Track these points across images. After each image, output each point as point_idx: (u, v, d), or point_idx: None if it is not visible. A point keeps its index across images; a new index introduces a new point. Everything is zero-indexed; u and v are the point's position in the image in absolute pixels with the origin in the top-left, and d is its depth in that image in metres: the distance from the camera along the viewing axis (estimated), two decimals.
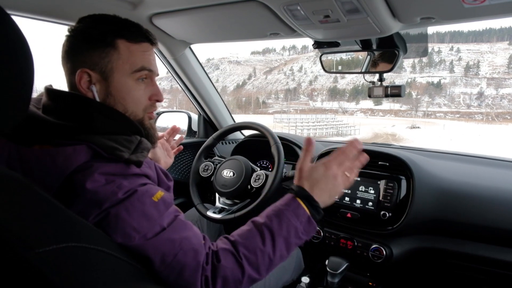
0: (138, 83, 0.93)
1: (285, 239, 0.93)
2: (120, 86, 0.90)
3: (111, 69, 0.89)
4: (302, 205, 0.96)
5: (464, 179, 1.50)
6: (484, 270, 1.38)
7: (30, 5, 1.26)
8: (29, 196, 0.65)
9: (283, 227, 0.93)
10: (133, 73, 0.91)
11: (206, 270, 0.84)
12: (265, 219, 0.94)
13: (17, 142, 0.80)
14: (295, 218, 0.94)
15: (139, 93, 0.93)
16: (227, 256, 0.87)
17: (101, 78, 0.89)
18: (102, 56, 0.88)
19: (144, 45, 0.93)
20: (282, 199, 0.99)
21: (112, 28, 0.89)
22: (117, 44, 0.88)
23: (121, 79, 0.90)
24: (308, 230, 0.96)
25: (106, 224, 0.76)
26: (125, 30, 0.90)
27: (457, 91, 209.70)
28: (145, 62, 0.92)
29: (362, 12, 1.11)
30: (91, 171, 0.77)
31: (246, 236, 0.92)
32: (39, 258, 0.56)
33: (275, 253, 0.92)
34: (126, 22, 0.92)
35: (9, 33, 0.64)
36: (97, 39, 0.88)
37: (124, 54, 0.89)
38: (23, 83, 0.67)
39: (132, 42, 0.90)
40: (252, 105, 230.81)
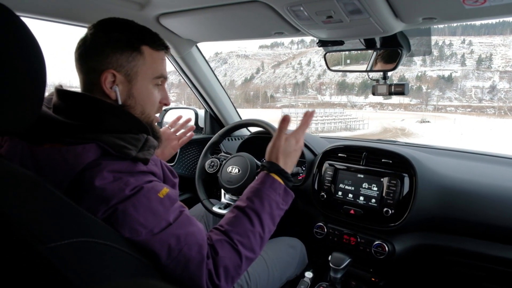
0: (155, 88, 0.99)
1: (269, 214, 1.02)
2: (142, 89, 0.95)
3: (136, 72, 0.94)
4: (277, 178, 1.07)
5: (466, 177, 1.51)
6: (485, 267, 1.40)
7: (39, 7, 1.29)
8: (41, 193, 0.68)
9: (265, 204, 1.02)
10: (154, 79, 0.97)
11: (208, 264, 0.88)
12: (247, 202, 1.02)
13: (29, 141, 0.83)
14: (273, 192, 1.04)
15: (155, 97, 0.99)
16: (224, 247, 0.93)
17: (125, 80, 0.93)
18: (129, 60, 0.92)
19: (162, 53, 0.99)
20: (257, 179, 1.09)
21: (138, 34, 0.94)
22: (143, 50, 0.93)
23: (144, 83, 0.95)
24: (286, 200, 1.08)
25: (114, 220, 0.79)
26: (149, 38, 0.95)
27: (468, 84, 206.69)
28: (163, 70, 1.00)
29: (364, 13, 1.12)
30: (100, 168, 0.81)
31: (234, 222, 0.98)
32: (52, 252, 0.59)
33: (264, 230, 1.00)
34: (148, 30, 0.97)
35: (21, 36, 0.67)
36: (125, 43, 0.92)
37: (148, 60, 0.95)
38: (36, 85, 0.70)
39: (155, 49, 0.96)
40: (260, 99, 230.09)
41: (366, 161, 1.61)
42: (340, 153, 1.69)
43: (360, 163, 1.62)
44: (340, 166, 1.66)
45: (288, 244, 1.65)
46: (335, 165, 1.68)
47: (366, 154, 1.62)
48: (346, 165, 1.65)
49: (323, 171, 1.71)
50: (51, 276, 0.59)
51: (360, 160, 1.62)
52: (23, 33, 0.67)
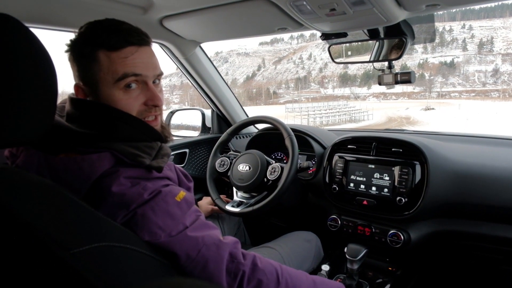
0: (126, 92, 0.89)
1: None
2: (106, 98, 0.88)
3: (96, 81, 0.87)
4: None
5: (478, 161, 1.50)
6: (502, 250, 1.39)
7: (42, 15, 1.29)
8: (61, 201, 0.69)
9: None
10: (117, 83, 0.87)
11: (244, 265, 0.89)
12: (316, 277, 1.07)
13: (44, 151, 0.84)
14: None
15: (127, 102, 0.89)
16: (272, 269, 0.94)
17: (90, 90, 0.90)
18: (86, 70, 0.88)
19: (126, 51, 0.87)
20: None
21: (92, 40, 0.87)
22: (97, 56, 0.86)
23: (107, 90, 0.88)
24: None
25: (134, 224, 0.80)
26: (104, 39, 0.86)
27: (471, 69, 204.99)
28: (128, 68, 0.87)
29: (367, 3, 1.12)
30: (117, 175, 0.82)
31: (295, 271, 1.01)
32: (74, 258, 0.60)
33: None
34: (106, 29, 0.87)
35: (31, 46, 0.68)
36: (80, 53, 0.88)
37: (104, 65, 0.86)
38: (48, 94, 0.71)
39: (112, 50, 0.86)
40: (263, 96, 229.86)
41: (376, 151, 1.61)
42: (349, 144, 1.69)
43: (370, 153, 1.62)
44: (350, 157, 1.66)
45: (303, 238, 1.66)
46: (345, 157, 1.68)
47: (376, 144, 1.61)
48: (356, 157, 1.65)
49: (333, 163, 1.71)
50: (75, 281, 0.60)
51: (370, 151, 1.62)
52: (33, 43, 0.68)
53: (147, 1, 1.31)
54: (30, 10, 1.22)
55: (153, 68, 0.92)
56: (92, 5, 1.26)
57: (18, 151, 0.88)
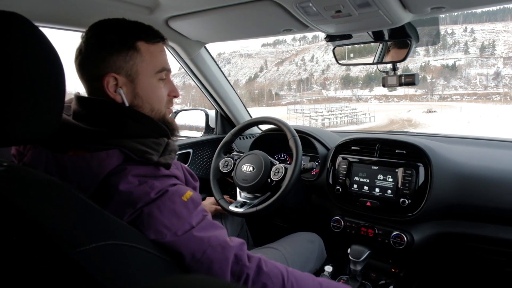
0: (159, 82, 0.97)
1: None
2: (146, 87, 0.94)
3: (136, 71, 0.92)
4: None
5: (481, 163, 1.51)
6: (505, 252, 1.40)
7: (49, 15, 1.31)
8: (69, 199, 0.70)
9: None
10: (156, 74, 0.95)
11: (249, 268, 0.88)
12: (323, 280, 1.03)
13: (52, 149, 0.84)
14: None
15: (161, 91, 0.98)
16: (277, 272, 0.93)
17: (127, 80, 0.92)
18: (126, 60, 0.90)
19: (160, 45, 0.96)
20: None
21: (130, 31, 0.92)
22: (138, 46, 0.91)
23: (146, 80, 0.94)
24: None
25: (140, 222, 0.80)
26: (142, 32, 0.93)
27: (473, 72, 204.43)
28: (164, 62, 0.97)
29: (373, 6, 1.13)
30: (124, 173, 0.82)
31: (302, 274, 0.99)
32: (81, 256, 0.60)
33: None
34: (140, 24, 0.95)
35: (40, 45, 0.69)
36: (119, 43, 0.90)
37: (146, 56, 0.92)
38: (56, 93, 0.72)
39: (151, 43, 0.93)
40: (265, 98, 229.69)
41: (379, 153, 1.61)
42: (353, 146, 1.70)
43: (373, 155, 1.62)
44: (353, 159, 1.67)
45: (306, 239, 1.66)
46: (349, 158, 1.68)
47: (379, 146, 1.62)
48: (360, 158, 1.65)
49: (337, 165, 1.71)
50: (82, 279, 0.61)
51: (374, 152, 1.62)
52: (42, 42, 0.69)
53: (153, 2, 1.32)
54: (38, 9, 1.24)
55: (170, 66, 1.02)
56: (99, 5, 1.27)
57: (25, 149, 0.88)
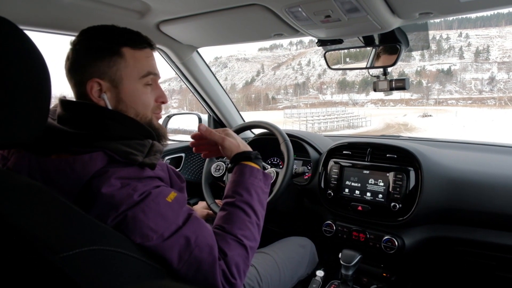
0: (145, 87, 0.97)
1: (258, 201, 1.04)
2: (130, 92, 0.94)
3: (120, 76, 0.92)
4: (253, 165, 1.10)
5: (472, 168, 1.51)
6: (495, 256, 1.40)
7: (40, 19, 1.30)
8: (51, 204, 0.69)
9: (252, 193, 1.04)
10: (141, 79, 0.95)
11: (221, 264, 0.89)
12: (236, 196, 1.03)
13: (36, 152, 0.84)
14: (255, 179, 1.07)
15: (147, 97, 0.97)
16: (230, 245, 0.93)
17: (111, 86, 0.92)
18: (110, 65, 0.91)
19: (146, 51, 0.97)
20: (234, 171, 1.10)
21: (116, 37, 0.93)
22: (123, 52, 0.92)
23: (130, 85, 0.94)
24: (267, 183, 1.11)
25: (125, 226, 0.79)
26: (128, 38, 0.94)
27: (468, 77, 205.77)
28: (150, 67, 0.97)
29: (362, 11, 1.14)
30: (107, 176, 0.81)
31: (231, 219, 0.99)
32: (64, 262, 0.59)
33: (259, 217, 1.03)
34: (127, 30, 0.96)
35: (25, 49, 0.68)
36: (104, 49, 0.91)
37: (130, 61, 0.93)
38: (41, 97, 0.71)
39: (137, 49, 0.94)
40: (262, 102, 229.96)
41: (371, 157, 1.61)
42: (344, 150, 1.70)
43: (365, 159, 1.63)
44: (345, 163, 1.67)
45: (297, 243, 1.66)
46: (341, 162, 1.68)
47: (370, 150, 1.62)
48: (352, 162, 1.66)
49: (328, 169, 1.71)
50: (65, 285, 0.60)
51: (365, 157, 1.63)
52: (27, 46, 0.68)
53: (144, 6, 1.32)
54: (27, 13, 1.23)
55: (159, 71, 1.02)
56: (89, 9, 1.27)
57: (9, 153, 0.87)
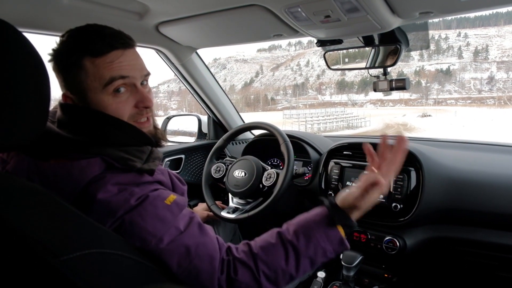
0: (116, 96, 0.88)
1: (311, 259, 0.91)
2: (96, 104, 0.87)
3: (84, 89, 0.86)
4: (339, 230, 0.92)
5: (473, 167, 1.51)
6: (497, 257, 1.39)
7: (38, 21, 1.30)
8: (51, 207, 0.68)
9: (311, 248, 0.90)
10: (105, 88, 0.86)
11: (221, 279, 0.85)
12: (293, 237, 0.91)
13: (35, 156, 0.84)
14: (326, 240, 0.91)
15: (118, 106, 0.88)
16: (245, 272, 0.87)
17: (78, 99, 0.88)
18: (72, 78, 0.86)
19: (111, 55, 0.85)
20: (317, 213, 0.95)
21: (75, 48, 0.85)
22: (82, 63, 0.84)
23: (95, 96, 0.86)
24: (337, 250, 0.93)
25: (123, 231, 0.79)
26: (87, 46, 0.84)
27: (467, 76, 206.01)
28: (114, 71, 0.85)
29: (362, 11, 1.13)
30: (104, 182, 0.81)
31: (269, 251, 0.90)
32: (65, 265, 0.58)
33: (298, 271, 0.90)
34: (89, 35, 0.86)
35: (24, 51, 0.67)
36: (65, 62, 0.86)
37: (90, 72, 0.85)
38: (40, 99, 0.71)
39: (97, 56, 0.84)
40: (261, 103, 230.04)
41: None
42: (345, 150, 1.70)
43: (365, 159, 1.61)
44: (346, 164, 1.67)
45: None
46: (341, 163, 1.68)
47: None
48: (352, 163, 1.65)
49: (329, 169, 1.71)
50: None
51: (366, 157, 1.62)
52: (26, 48, 0.68)
53: (143, 7, 1.32)
54: (25, 15, 1.23)
55: (139, 69, 0.91)
56: (87, 11, 1.27)
57: (8, 156, 0.87)
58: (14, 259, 0.59)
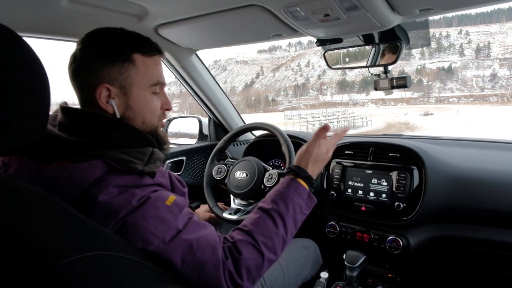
0: (153, 95, 0.96)
1: (293, 217, 1.02)
2: (139, 99, 0.93)
3: (131, 83, 0.91)
4: (303, 183, 1.08)
5: (476, 165, 1.50)
6: (502, 255, 1.38)
7: (38, 25, 1.30)
8: (53, 209, 0.68)
9: (289, 207, 1.02)
10: (150, 87, 0.94)
11: (227, 264, 0.88)
12: (272, 204, 1.02)
13: (37, 160, 0.84)
14: (298, 197, 1.05)
15: (154, 104, 0.97)
16: (247, 247, 0.92)
17: (120, 92, 0.91)
18: (121, 71, 0.90)
19: (156, 58, 0.96)
20: (282, 182, 1.09)
21: (127, 43, 0.91)
22: (134, 58, 0.91)
23: (140, 92, 0.93)
24: (309, 205, 1.08)
25: (125, 232, 0.79)
26: (139, 44, 0.92)
27: (469, 74, 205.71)
28: (160, 76, 0.97)
29: (361, 9, 1.13)
30: (105, 184, 0.81)
31: (258, 223, 0.98)
32: (66, 267, 0.59)
33: (287, 232, 1.00)
34: (138, 35, 0.94)
35: (24, 55, 0.68)
36: (115, 54, 0.89)
37: (141, 69, 0.92)
38: (40, 103, 0.71)
39: (147, 56, 0.93)
40: (262, 104, 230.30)
41: (373, 157, 1.60)
42: (346, 150, 1.69)
43: (367, 159, 1.61)
44: (347, 163, 1.66)
45: (301, 245, 1.64)
46: (343, 162, 1.67)
47: (373, 150, 1.61)
48: (354, 162, 1.65)
49: (331, 169, 1.70)
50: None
51: (367, 156, 1.62)
52: (26, 52, 0.68)
53: (142, 10, 1.32)
54: (25, 19, 1.23)
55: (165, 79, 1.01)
56: (87, 14, 1.27)
57: (10, 160, 0.87)
58: (16, 262, 0.60)
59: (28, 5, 1.15)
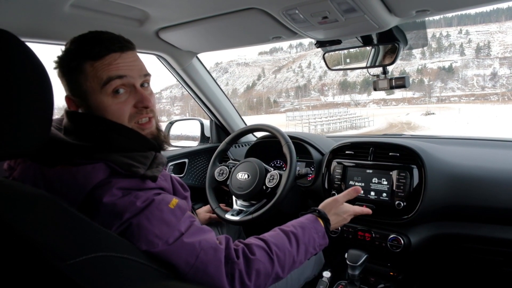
0: (115, 97, 0.91)
1: (305, 246, 1.08)
2: (96, 106, 0.90)
3: (84, 91, 0.90)
4: (321, 223, 1.17)
5: (476, 163, 1.51)
6: (502, 252, 1.39)
7: (40, 30, 1.31)
8: (57, 212, 0.70)
9: (306, 235, 1.09)
10: (103, 88, 0.89)
11: (238, 264, 0.90)
12: (291, 227, 1.10)
13: (41, 163, 0.85)
14: (315, 231, 1.13)
15: (117, 107, 0.91)
16: (261, 251, 0.96)
17: (80, 101, 0.92)
18: (74, 82, 0.91)
19: (109, 58, 0.89)
20: (304, 216, 1.19)
21: (77, 54, 0.89)
22: (83, 67, 0.88)
23: (95, 98, 0.90)
24: (321, 244, 1.15)
25: (130, 234, 0.80)
26: (87, 51, 0.88)
27: (469, 73, 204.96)
28: (112, 72, 0.89)
29: (359, 11, 1.14)
30: (109, 186, 0.82)
31: (275, 236, 1.04)
32: (71, 269, 0.60)
33: (298, 255, 1.05)
34: (89, 41, 0.90)
35: (27, 60, 0.69)
36: (67, 68, 0.91)
37: (90, 74, 0.88)
38: (44, 107, 0.72)
39: (96, 60, 0.88)
40: (264, 105, 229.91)
41: (373, 156, 1.61)
42: (347, 150, 1.70)
43: (368, 158, 1.62)
44: (348, 163, 1.67)
45: None
46: (344, 162, 1.68)
47: (373, 149, 1.62)
48: (355, 162, 1.66)
49: (332, 169, 1.71)
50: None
51: (368, 156, 1.63)
52: (28, 57, 0.70)
53: (143, 14, 1.34)
54: (27, 24, 1.24)
55: (138, 70, 0.94)
56: (88, 19, 1.28)
57: (15, 164, 0.89)
58: (21, 264, 0.60)
59: (30, 11, 1.16)
